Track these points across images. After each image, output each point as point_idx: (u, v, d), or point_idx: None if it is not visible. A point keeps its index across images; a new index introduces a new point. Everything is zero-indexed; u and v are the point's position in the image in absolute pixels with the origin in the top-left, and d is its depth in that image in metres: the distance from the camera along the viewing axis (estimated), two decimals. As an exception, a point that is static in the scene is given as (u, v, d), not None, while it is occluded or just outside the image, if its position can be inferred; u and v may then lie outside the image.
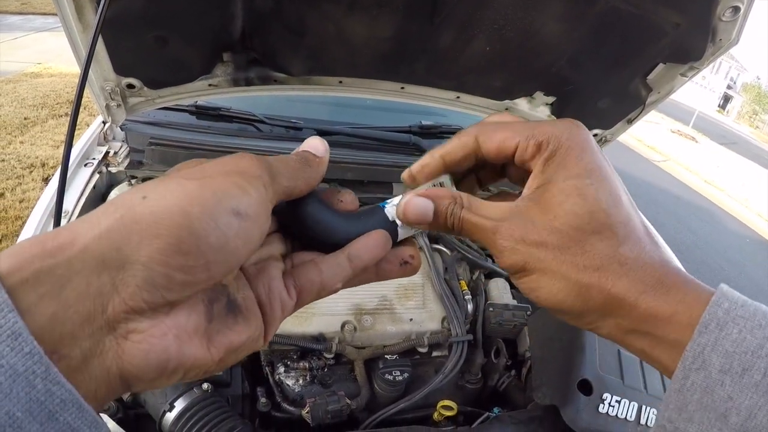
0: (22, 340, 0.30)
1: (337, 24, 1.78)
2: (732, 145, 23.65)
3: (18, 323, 0.30)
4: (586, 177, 0.49)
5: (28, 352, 0.30)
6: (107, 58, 1.75)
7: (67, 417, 0.31)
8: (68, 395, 0.31)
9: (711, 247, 8.49)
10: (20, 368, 0.29)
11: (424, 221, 0.54)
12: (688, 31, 1.78)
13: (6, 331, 0.29)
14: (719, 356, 0.40)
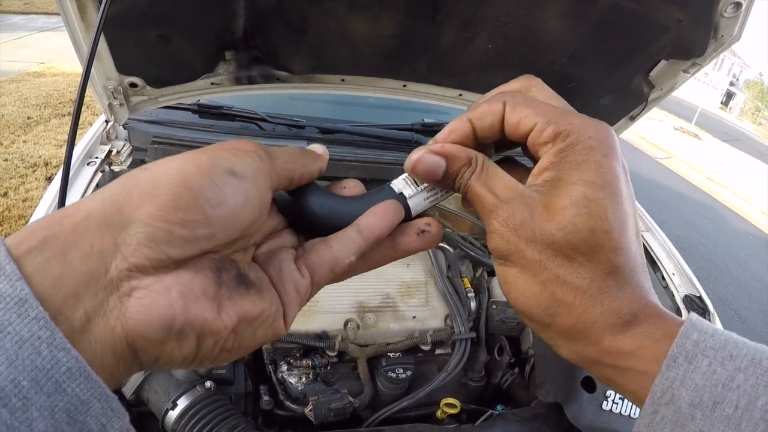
0: (28, 305, 0.30)
1: (339, 22, 1.78)
2: (735, 141, 23.62)
3: (25, 290, 0.30)
4: (601, 188, 0.45)
5: (33, 317, 0.30)
6: (110, 57, 1.75)
7: (74, 388, 0.31)
8: (74, 363, 0.31)
9: (714, 244, 8.47)
10: (26, 334, 0.29)
11: (431, 178, 0.52)
12: (689, 27, 1.78)
13: (14, 298, 0.30)
14: (689, 390, 0.38)
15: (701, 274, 2.25)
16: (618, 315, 0.44)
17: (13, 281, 0.30)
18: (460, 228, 2.27)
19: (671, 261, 2.30)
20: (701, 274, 2.25)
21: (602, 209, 0.45)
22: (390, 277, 1.92)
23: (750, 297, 6.60)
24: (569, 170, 0.46)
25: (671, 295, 2.13)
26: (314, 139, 2.38)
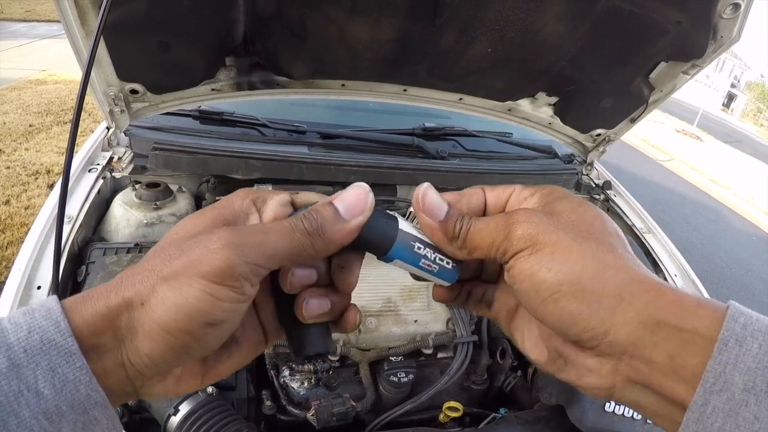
0: (75, 358, 0.41)
1: (339, 27, 1.78)
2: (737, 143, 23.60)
3: (74, 345, 0.41)
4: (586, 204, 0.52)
5: (79, 366, 0.41)
6: (110, 64, 1.76)
7: (95, 413, 0.42)
8: (100, 398, 0.42)
9: (717, 245, 8.46)
10: (71, 377, 0.41)
11: (434, 216, 0.53)
12: (689, 28, 1.78)
13: (64, 349, 0.40)
14: (742, 374, 0.37)
15: (703, 275, 2.24)
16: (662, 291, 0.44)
17: (66, 337, 0.41)
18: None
19: (673, 262, 2.30)
20: (703, 275, 2.24)
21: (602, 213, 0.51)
22: (391, 280, 1.92)
23: (753, 298, 6.58)
24: (557, 201, 0.52)
25: (673, 297, 2.12)
26: (315, 144, 2.38)
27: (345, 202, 0.52)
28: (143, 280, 0.44)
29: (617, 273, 0.44)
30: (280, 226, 0.49)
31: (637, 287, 0.43)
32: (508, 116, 2.44)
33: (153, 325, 0.43)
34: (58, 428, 0.39)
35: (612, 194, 2.72)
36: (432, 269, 0.56)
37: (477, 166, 2.53)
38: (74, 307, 0.43)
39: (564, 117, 2.41)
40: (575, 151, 2.71)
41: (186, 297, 0.43)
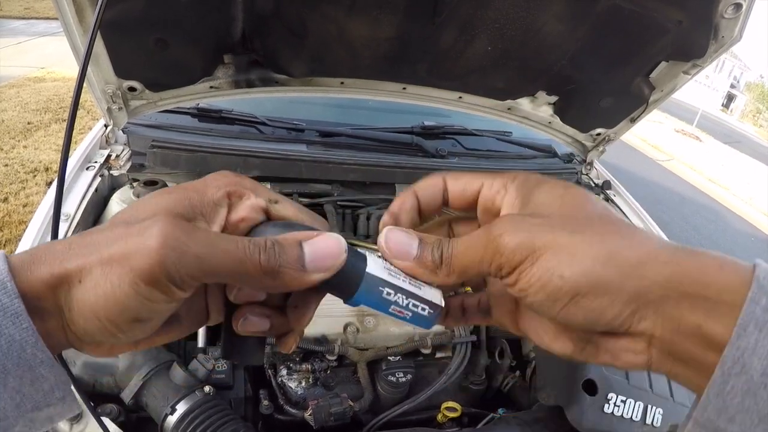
0: (22, 319, 0.40)
1: (338, 25, 1.77)
2: (736, 143, 23.61)
3: (20, 306, 0.40)
4: (568, 186, 0.49)
5: (25, 327, 0.40)
6: (108, 61, 1.75)
7: (42, 371, 0.42)
8: (46, 357, 0.42)
9: (716, 245, 8.45)
10: (17, 337, 0.40)
11: (407, 256, 0.49)
12: (690, 28, 1.77)
13: (11, 311, 0.40)
14: (761, 359, 0.37)
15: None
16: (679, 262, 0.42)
17: (12, 298, 0.40)
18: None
19: (673, 263, 2.29)
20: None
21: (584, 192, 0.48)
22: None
23: (752, 299, 6.57)
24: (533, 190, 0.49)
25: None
26: (314, 142, 2.37)
27: (314, 250, 0.47)
28: (87, 254, 0.43)
29: (630, 254, 0.42)
30: (233, 245, 0.44)
31: (653, 262, 0.41)
32: (507, 115, 2.44)
33: (84, 308, 0.43)
34: (4, 383, 0.40)
35: (611, 194, 2.71)
36: (404, 316, 0.50)
37: (476, 165, 2.53)
38: (21, 267, 0.42)
39: (564, 116, 2.41)
40: (575, 150, 2.70)
41: (115, 290, 0.42)
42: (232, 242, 0.45)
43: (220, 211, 0.50)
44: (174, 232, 0.42)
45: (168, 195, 0.49)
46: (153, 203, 0.48)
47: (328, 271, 0.47)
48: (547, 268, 0.43)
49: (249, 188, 0.52)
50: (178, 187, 0.50)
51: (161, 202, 0.48)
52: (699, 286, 0.40)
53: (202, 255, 0.43)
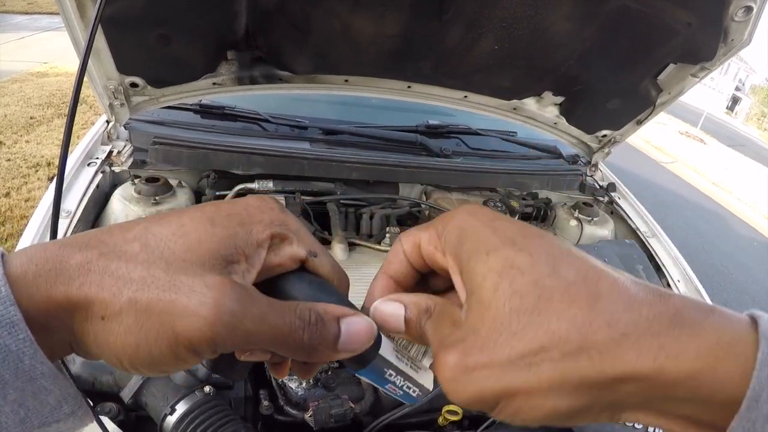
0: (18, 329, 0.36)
1: (343, 21, 1.76)
2: (740, 147, 23.54)
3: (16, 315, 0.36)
4: (510, 245, 0.41)
5: (22, 338, 0.36)
6: (110, 57, 1.74)
7: (43, 383, 0.38)
8: (47, 369, 0.38)
9: (718, 249, 8.43)
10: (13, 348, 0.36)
11: (396, 329, 0.47)
12: (699, 30, 1.75)
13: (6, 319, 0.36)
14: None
15: (704, 279, 2.21)
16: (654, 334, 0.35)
17: (7, 306, 0.36)
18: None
19: (677, 267, 2.27)
20: (704, 279, 2.21)
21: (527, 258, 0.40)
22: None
23: (753, 303, 6.55)
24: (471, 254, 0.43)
25: (677, 302, 2.10)
26: (317, 140, 2.36)
27: (349, 331, 0.45)
28: (114, 287, 0.39)
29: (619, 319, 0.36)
30: (281, 321, 0.42)
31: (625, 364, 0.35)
32: (513, 115, 2.42)
33: (106, 346, 0.40)
34: (3, 395, 0.36)
35: (616, 196, 2.69)
36: (395, 393, 0.52)
37: (481, 164, 2.51)
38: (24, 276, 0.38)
39: (570, 117, 2.39)
40: (580, 151, 2.69)
41: (149, 345, 0.39)
42: (280, 317, 0.42)
43: (261, 254, 0.46)
44: (230, 305, 0.40)
45: (212, 228, 0.44)
46: (196, 239, 0.43)
47: (353, 353, 0.46)
48: (525, 407, 0.38)
49: (293, 231, 0.49)
50: (221, 215, 0.46)
51: (205, 240, 0.43)
52: (686, 389, 0.35)
53: (252, 331, 0.41)
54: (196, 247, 0.42)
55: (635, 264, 2.20)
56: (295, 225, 0.50)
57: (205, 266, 0.41)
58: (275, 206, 0.50)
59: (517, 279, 0.39)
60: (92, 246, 0.40)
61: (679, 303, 0.37)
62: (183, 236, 0.43)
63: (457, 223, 0.46)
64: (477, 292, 0.41)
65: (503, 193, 2.55)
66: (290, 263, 0.49)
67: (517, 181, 2.53)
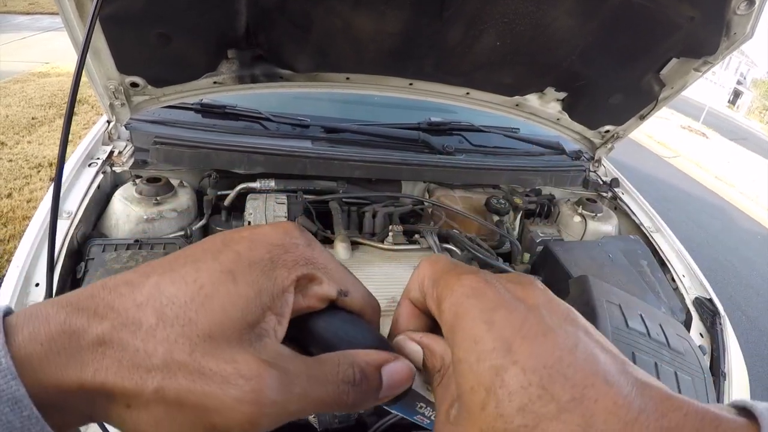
0: (22, 406, 0.33)
1: (344, 19, 1.75)
2: (742, 140, 23.49)
3: (19, 390, 0.33)
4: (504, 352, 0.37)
5: (27, 415, 0.33)
6: (110, 56, 1.73)
7: None
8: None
9: (722, 243, 8.42)
10: (17, 425, 0.33)
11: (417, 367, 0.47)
12: (702, 24, 1.74)
13: (7, 395, 0.32)
14: None
15: (708, 273, 2.20)
16: None
17: (9, 379, 0.33)
18: (468, 229, 2.23)
19: (681, 262, 2.26)
20: (708, 273, 2.20)
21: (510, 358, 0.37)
22: (396, 280, 1.89)
23: (758, 296, 6.54)
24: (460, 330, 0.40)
25: (681, 298, 2.10)
26: (319, 138, 2.35)
27: (390, 377, 0.44)
28: (134, 374, 0.35)
29: None
30: (325, 393, 0.40)
31: None
32: (515, 111, 2.41)
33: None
34: None
35: (620, 192, 2.68)
36: (423, 422, 0.51)
37: (483, 161, 2.50)
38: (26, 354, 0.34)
39: (572, 113, 2.38)
40: (583, 147, 2.68)
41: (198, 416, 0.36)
42: (323, 386, 0.40)
43: (288, 300, 0.42)
44: (271, 396, 0.37)
45: (235, 288, 0.39)
46: (220, 306, 0.38)
47: (392, 396, 0.45)
48: None
49: (321, 268, 0.45)
50: (243, 265, 0.41)
51: (230, 307, 0.39)
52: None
53: (296, 411, 0.39)
54: (221, 318, 0.38)
55: (639, 260, 2.19)
56: (322, 260, 0.46)
57: (233, 341, 0.38)
58: (299, 239, 0.46)
59: (503, 403, 0.35)
60: (101, 315, 0.37)
61: (681, 421, 0.33)
62: (204, 303, 0.38)
63: (453, 303, 0.42)
64: (466, 402, 0.38)
65: (506, 189, 2.54)
66: (319, 304, 0.45)
67: (520, 178, 2.51)
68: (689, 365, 1.52)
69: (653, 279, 2.09)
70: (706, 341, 1.94)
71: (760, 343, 5.45)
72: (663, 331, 1.58)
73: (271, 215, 1.97)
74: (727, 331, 1.95)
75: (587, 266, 2.02)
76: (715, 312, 2.01)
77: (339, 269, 0.47)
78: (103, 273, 1.57)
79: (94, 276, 1.57)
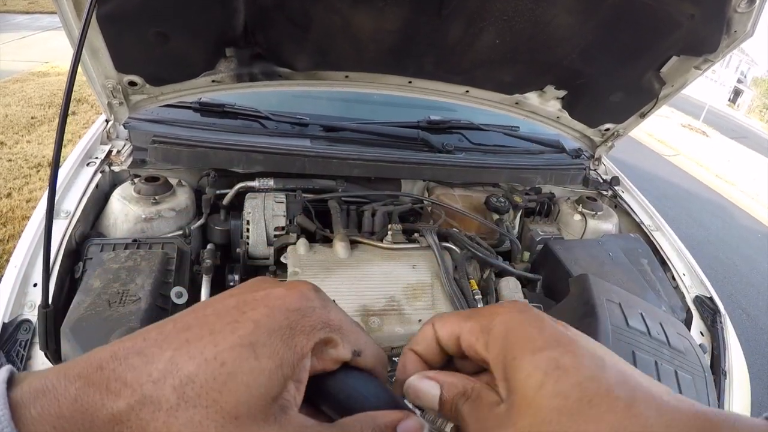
0: None
1: (343, 17, 1.74)
2: (742, 139, 23.49)
3: None
4: (556, 345, 0.42)
5: None
6: (108, 55, 1.72)
7: None
8: None
9: (722, 242, 8.41)
10: None
11: (429, 406, 0.49)
12: (702, 22, 1.74)
13: None
14: None
15: (708, 272, 2.20)
16: None
17: None
18: (468, 228, 2.23)
19: (682, 261, 2.26)
20: (708, 272, 2.20)
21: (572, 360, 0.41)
22: (395, 279, 1.88)
23: (758, 295, 6.54)
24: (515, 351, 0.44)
25: (682, 296, 2.09)
26: (318, 137, 2.34)
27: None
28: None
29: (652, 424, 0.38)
30: None
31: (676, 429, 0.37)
32: (515, 109, 2.41)
33: None
34: None
35: (620, 190, 2.68)
36: None
37: (483, 160, 2.49)
38: None
39: (572, 111, 2.38)
40: (583, 145, 2.67)
41: None
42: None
43: (306, 365, 0.42)
44: None
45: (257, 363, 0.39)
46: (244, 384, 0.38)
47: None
48: None
49: (336, 330, 0.45)
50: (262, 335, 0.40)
51: (254, 384, 0.38)
52: None
53: None
54: (245, 396, 0.37)
55: (640, 258, 2.19)
56: (337, 321, 0.46)
57: (258, 419, 0.37)
58: (315, 301, 0.46)
59: (561, 380, 0.40)
60: (114, 392, 0.35)
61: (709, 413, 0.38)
62: (226, 382, 0.37)
63: (504, 319, 0.46)
64: (521, 389, 0.41)
65: (506, 188, 2.53)
66: (333, 366, 0.46)
67: (520, 176, 2.51)
68: (690, 364, 1.52)
69: (653, 277, 2.08)
70: (706, 340, 1.94)
71: (761, 341, 5.44)
72: (663, 329, 1.58)
73: (270, 214, 1.96)
74: (727, 330, 1.95)
75: (587, 265, 2.01)
76: (715, 310, 2.01)
77: (353, 329, 0.48)
78: (102, 272, 1.56)
79: (92, 276, 1.56)
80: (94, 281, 1.51)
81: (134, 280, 1.52)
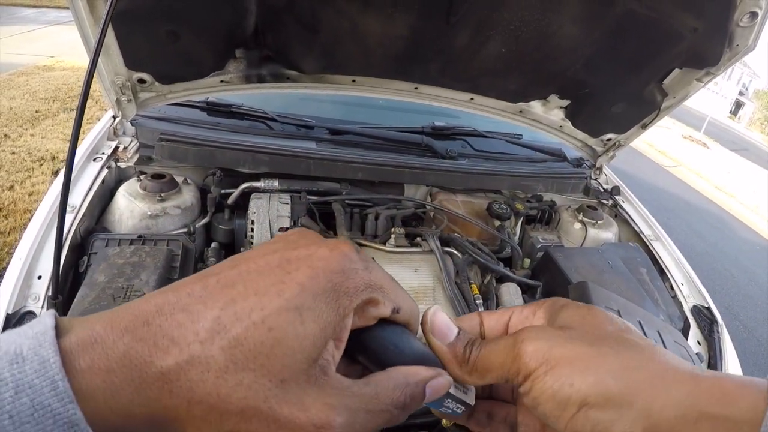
0: (78, 429, 0.32)
1: (352, 21, 1.76)
2: (743, 151, 23.52)
3: (76, 414, 0.32)
4: (591, 308, 0.51)
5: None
6: (118, 52, 1.74)
7: None
8: None
9: (721, 253, 8.42)
10: None
11: (444, 338, 0.53)
12: (705, 35, 1.76)
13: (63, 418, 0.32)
14: None
15: (707, 283, 2.22)
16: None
17: (65, 403, 0.32)
18: (469, 233, 2.24)
19: (680, 270, 2.27)
20: (707, 283, 2.22)
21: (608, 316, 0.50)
22: (398, 281, 1.90)
23: (756, 307, 6.55)
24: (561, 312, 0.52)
25: (679, 305, 2.11)
26: (323, 140, 2.36)
27: (433, 390, 0.48)
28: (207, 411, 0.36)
29: (644, 368, 0.42)
30: (381, 419, 0.43)
31: (671, 378, 0.41)
32: (519, 118, 2.43)
33: None
34: None
35: (620, 200, 2.69)
36: (445, 411, 0.56)
37: (486, 167, 2.51)
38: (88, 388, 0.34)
39: (575, 120, 2.39)
40: (585, 154, 2.69)
41: None
42: (380, 416, 0.43)
43: (347, 324, 0.43)
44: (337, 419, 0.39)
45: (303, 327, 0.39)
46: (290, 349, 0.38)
47: (425, 402, 0.49)
48: (560, 375, 0.44)
49: (379, 290, 0.46)
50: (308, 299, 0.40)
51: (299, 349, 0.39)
52: (720, 405, 0.38)
53: None
54: (291, 361, 0.38)
55: (639, 267, 2.20)
56: (379, 281, 0.46)
57: (302, 382, 0.39)
58: (358, 262, 0.46)
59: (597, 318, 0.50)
60: (162, 348, 0.36)
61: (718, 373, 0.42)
62: (274, 347, 0.38)
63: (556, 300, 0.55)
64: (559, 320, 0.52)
65: (508, 195, 2.55)
66: (372, 322, 0.47)
67: (522, 184, 2.52)
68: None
69: (652, 286, 2.10)
70: (703, 349, 1.95)
71: (759, 353, 5.45)
72: (661, 337, 1.60)
73: (275, 215, 1.98)
74: (724, 339, 1.96)
75: (587, 272, 2.03)
76: (712, 320, 2.02)
77: (393, 287, 0.49)
78: (106, 267, 1.57)
79: (96, 270, 1.57)
80: (98, 276, 1.51)
81: (139, 275, 1.53)
